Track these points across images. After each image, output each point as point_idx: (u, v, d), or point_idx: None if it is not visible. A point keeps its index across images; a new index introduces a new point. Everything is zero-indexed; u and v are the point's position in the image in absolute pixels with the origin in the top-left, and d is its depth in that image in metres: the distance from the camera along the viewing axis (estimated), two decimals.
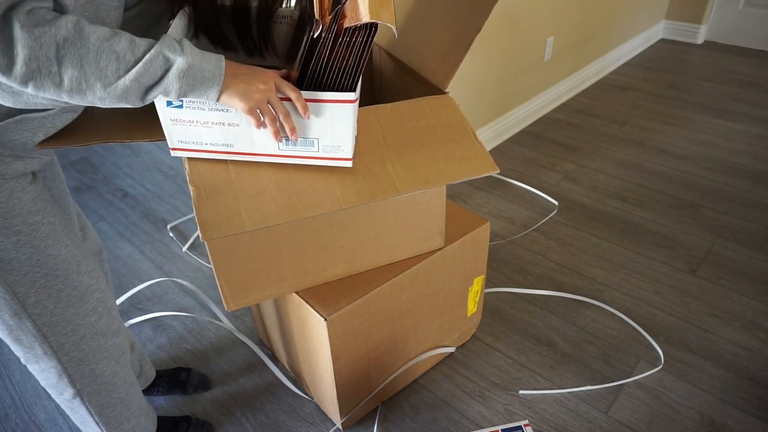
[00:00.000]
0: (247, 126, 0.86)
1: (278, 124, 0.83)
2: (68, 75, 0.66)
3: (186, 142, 0.88)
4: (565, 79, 2.77)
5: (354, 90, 0.85)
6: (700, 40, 3.51)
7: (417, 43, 1.19)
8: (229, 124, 0.85)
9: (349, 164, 0.93)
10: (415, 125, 1.02)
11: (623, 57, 3.26)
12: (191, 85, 0.73)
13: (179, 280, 1.79)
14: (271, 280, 1.07)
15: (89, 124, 0.90)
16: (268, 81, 0.79)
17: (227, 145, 0.89)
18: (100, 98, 0.70)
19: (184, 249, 1.92)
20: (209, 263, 1.85)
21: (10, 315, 0.86)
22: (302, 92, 0.83)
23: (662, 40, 3.60)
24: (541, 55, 2.48)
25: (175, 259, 1.89)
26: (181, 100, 0.81)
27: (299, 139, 0.88)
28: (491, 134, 2.41)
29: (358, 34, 0.83)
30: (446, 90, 1.09)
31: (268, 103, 0.80)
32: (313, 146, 0.89)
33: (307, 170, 0.93)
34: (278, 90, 0.80)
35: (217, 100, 0.77)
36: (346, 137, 0.88)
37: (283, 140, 0.88)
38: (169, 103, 0.82)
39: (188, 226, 2.04)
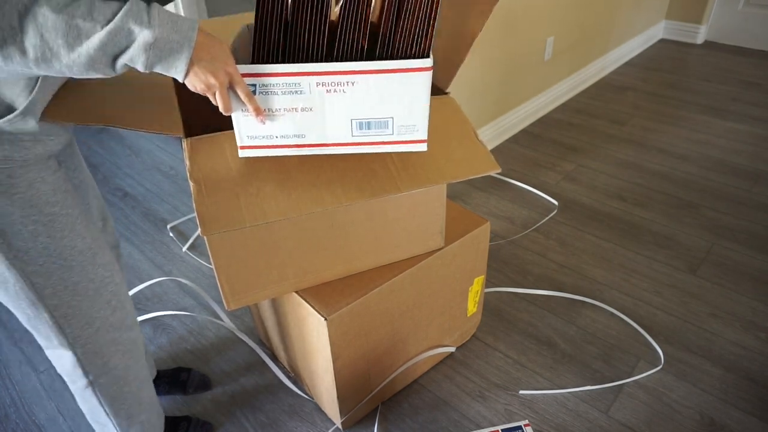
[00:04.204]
0: (320, 110, 0.82)
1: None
2: (31, 43, 0.64)
3: (256, 138, 0.85)
4: (565, 79, 2.77)
5: (428, 55, 0.78)
6: (700, 40, 3.51)
7: None
8: (301, 109, 0.82)
9: (424, 147, 0.87)
10: None
11: (623, 57, 3.26)
12: (158, 56, 0.70)
13: (180, 279, 1.79)
14: (272, 279, 1.07)
15: (96, 104, 0.89)
16: (231, 66, 0.76)
17: (299, 137, 0.85)
18: (67, 66, 0.67)
19: (184, 249, 1.92)
20: (209, 263, 1.85)
21: (28, 304, 0.87)
22: (372, 63, 0.77)
23: (662, 40, 3.60)
24: (541, 55, 2.48)
25: (175, 259, 1.88)
26: (254, 86, 0.79)
27: (371, 121, 0.83)
28: (491, 134, 2.41)
29: None
30: (447, 90, 1.09)
31: (230, 85, 0.77)
32: (387, 128, 0.84)
33: (308, 166, 0.93)
34: (232, 82, 0.78)
35: (185, 75, 0.72)
36: (422, 113, 0.83)
37: (356, 125, 0.83)
38: None
39: (188, 226, 2.04)
